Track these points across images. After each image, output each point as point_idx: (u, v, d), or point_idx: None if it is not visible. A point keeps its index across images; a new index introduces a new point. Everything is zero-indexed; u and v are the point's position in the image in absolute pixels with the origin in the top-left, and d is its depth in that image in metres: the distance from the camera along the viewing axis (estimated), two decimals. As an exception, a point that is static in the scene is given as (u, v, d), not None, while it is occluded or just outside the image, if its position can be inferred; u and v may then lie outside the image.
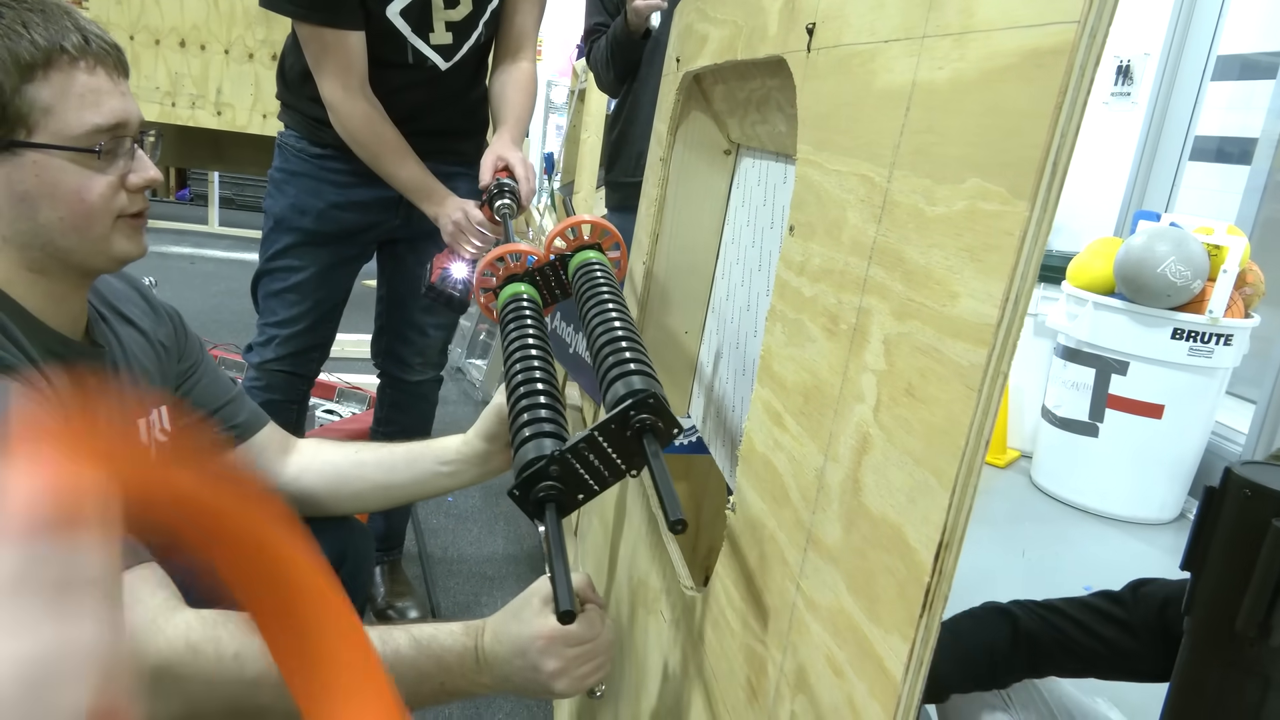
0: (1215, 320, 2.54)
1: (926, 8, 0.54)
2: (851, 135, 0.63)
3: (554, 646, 0.75)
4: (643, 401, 0.68)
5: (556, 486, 0.68)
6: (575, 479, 0.69)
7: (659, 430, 0.69)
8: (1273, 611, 0.57)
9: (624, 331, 0.80)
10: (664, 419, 0.69)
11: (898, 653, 0.49)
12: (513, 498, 0.68)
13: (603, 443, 0.68)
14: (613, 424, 0.68)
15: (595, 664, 0.78)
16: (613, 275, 0.97)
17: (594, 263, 0.98)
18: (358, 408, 2.78)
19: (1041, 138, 0.42)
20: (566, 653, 0.75)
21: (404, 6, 1.50)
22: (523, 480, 0.68)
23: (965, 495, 0.46)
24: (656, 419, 0.69)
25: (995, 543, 2.53)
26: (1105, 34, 0.41)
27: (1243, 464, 0.62)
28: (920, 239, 0.52)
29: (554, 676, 0.75)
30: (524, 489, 0.68)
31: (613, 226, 1.06)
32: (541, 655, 0.75)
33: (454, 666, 0.77)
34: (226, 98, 4.82)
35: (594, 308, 0.87)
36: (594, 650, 0.77)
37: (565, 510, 0.70)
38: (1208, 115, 3.46)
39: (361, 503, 1.10)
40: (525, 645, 0.75)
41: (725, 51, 1.02)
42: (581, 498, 0.70)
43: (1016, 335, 0.44)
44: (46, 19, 0.75)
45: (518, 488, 0.68)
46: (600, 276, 0.94)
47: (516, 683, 0.77)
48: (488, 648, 0.77)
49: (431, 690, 0.77)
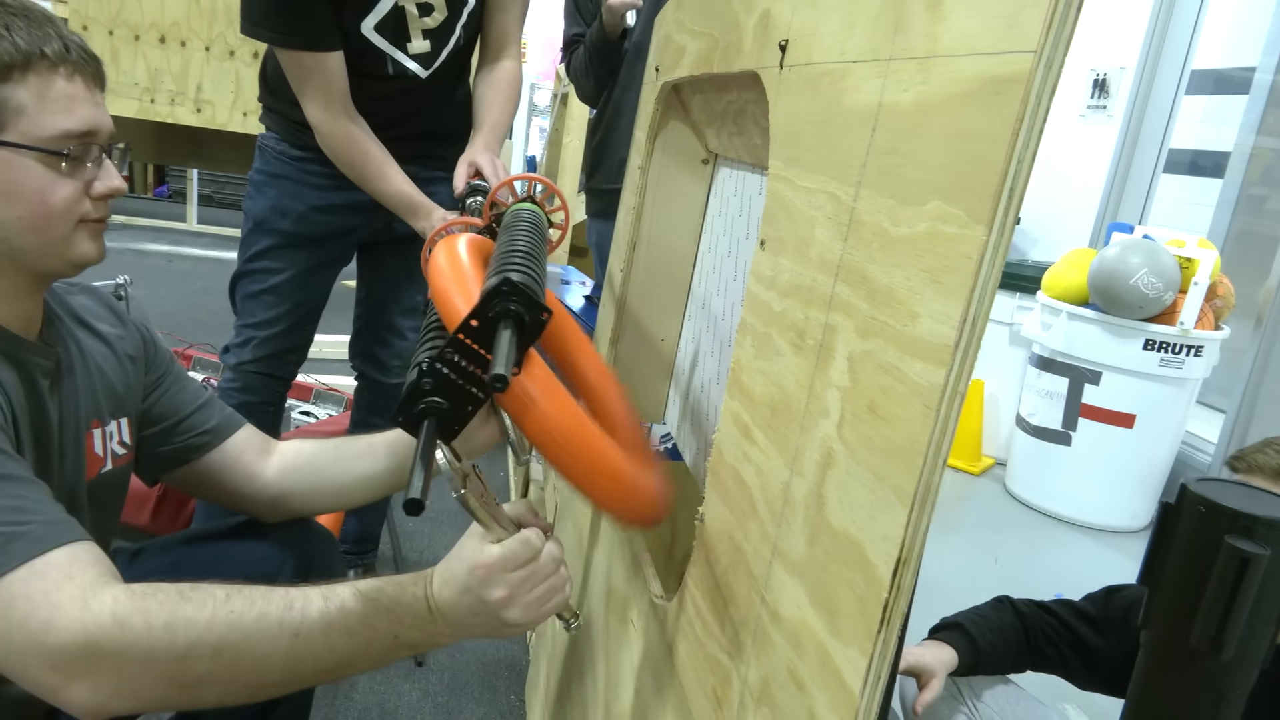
0: (1186, 332, 2.58)
1: (893, 30, 0.55)
2: (820, 153, 0.64)
3: (494, 574, 0.72)
4: (495, 289, 0.65)
5: (436, 401, 0.65)
6: (455, 390, 0.66)
7: (522, 318, 0.65)
8: (1225, 627, 0.58)
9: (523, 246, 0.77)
10: (524, 304, 0.65)
11: (856, 667, 0.49)
12: (397, 423, 0.67)
13: (471, 343, 0.65)
14: (473, 319, 0.65)
15: (546, 585, 0.74)
16: (539, 220, 0.96)
17: (523, 210, 0.98)
18: (334, 409, 2.77)
19: (999, 163, 0.43)
20: (509, 577, 0.72)
21: (378, 21, 1.51)
22: (404, 401, 0.65)
23: (923, 513, 0.47)
24: (519, 305, 0.65)
25: (969, 549, 2.56)
26: (1061, 64, 0.42)
27: (1198, 480, 0.63)
28: (884, 258, 0.53)
29: (503, 605, 0.72)
30: (405, 410, 0.66)
31: (550, 182, 1.08)
32: (483, 585, 0.72)
33: (405, 616, 0.75)
34: (206, 95, 4.78)
35: (505, 237, 0.85)
36: (538, 570, 0.73)
37: (455, 422, 0.67)
38: (1182, 129, 3.52)
39: (345, 497, 1.09)
40: (466, 580, 0.72)
41: (702, 64, 1.03)
42: (470, 409, 0.67)
43: (974, 356, 0.45)
44: (30, 25, 0.77)
45: (399, 410, 0.66)
46: (525, 217, 0.93)
47: (472, 623, 0.74)
48: (436, 593, 0.75)
49: (386, 643, 0.75)
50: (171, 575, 0.73)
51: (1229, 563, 0.58)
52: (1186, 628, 0.60)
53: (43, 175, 0.79)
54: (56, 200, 0.80)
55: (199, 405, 1.06)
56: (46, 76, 0.77)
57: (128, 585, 0.70)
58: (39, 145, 0.78)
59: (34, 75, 0.77)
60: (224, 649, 0.70)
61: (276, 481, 1.06)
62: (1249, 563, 0.57)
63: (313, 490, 1.07)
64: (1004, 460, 3.15)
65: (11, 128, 0.77)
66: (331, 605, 0.74)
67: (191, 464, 1.05)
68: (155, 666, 0.68)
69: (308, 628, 0.72)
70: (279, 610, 0.72)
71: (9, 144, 0.77)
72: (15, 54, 0.75)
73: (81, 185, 0.81)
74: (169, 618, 0.69)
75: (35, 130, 0.77)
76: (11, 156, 0.77)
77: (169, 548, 1.08)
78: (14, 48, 0.75)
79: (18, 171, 0.78)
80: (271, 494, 1.06)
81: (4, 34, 0.75)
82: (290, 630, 0.72)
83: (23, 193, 0.78)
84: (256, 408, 1.70)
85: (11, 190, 0.78)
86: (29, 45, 0.76)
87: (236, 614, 0.71)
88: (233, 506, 1.08)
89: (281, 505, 1.07)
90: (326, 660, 0.74)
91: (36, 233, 0.80)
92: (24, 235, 0.80)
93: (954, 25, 0.48)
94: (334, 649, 0.73)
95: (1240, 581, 0.57)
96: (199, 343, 2.91)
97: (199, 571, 1.02)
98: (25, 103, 0.77)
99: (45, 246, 0.81)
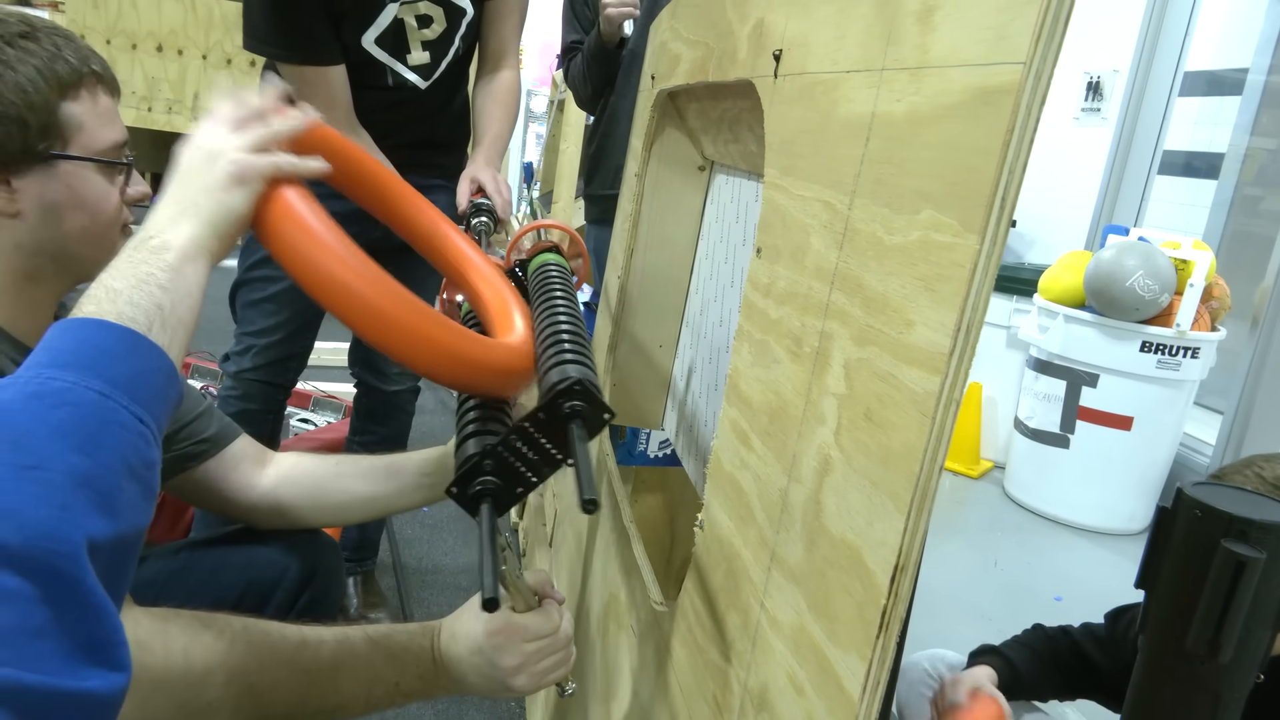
0: (1182, 333, 2.59)
1: (885, 41, 0.55)
2: (815, 162, 0.64)
3: (511, 642, 0.74)
4: (569, 389, 0.68)
5: (492, 481, 0.67)
6: (511, 472, 0.68)
7: (589, 415, 0.68)
8: (1221, 630, 0.59)
9: (567, 325, 0.80)
10: (593, 404, 0.68)
11: (855, 672, 0.50)
12: (450, 495, 0.68)
13: (534, 433, 0.68)
14: (541, 413, 0.68)
15: (555, 659, 0.77)
16: (568, 275, 0.98)
17: (549, 264, 0.99)
18: (333, 416, 2.77)
19: (990, 173, 0.43)
20: (524, 648, 0.74)
21: (379, 35, 1.52)
22: (460, 476, 0.67)
23: (920, 519, 0.47)
24: (586, 404, 0.68)
25: (968, 553, 2.56)
26: (1050, 75, 0.42)
27: (1194, 485, 0.64)
28: (879, 266, 0.53)
29: (512, 673, 0.74)
30: (461, 485, 0.68)
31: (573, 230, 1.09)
32: (498, 651, 0.74)
33: (410, 666, 0.76)
34: (204, 103, 4.78)
35: (543, 305, 0.87)
36: (552, 644, 0.76)
37: (505, 504, 0.69)
38: (1176, 130, 3.53)
39: (344, 514, 1.10)
40: (481, 642, 0.74)
41: (697, 72, 1.03)
42: (520, 491, 0.69)
43: (969, 363, 0.46)
44: (70, 44, 0.83)
45: (455, 484, 0.68)
46: (554, 275, 0.95)
47: (474, 682, 0.75)
48: (444, 647, 0.76)
49: (385, 691, 0.76)
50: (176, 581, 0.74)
51: (1225, 566, 0.58)
52: (1183, 631, 0.60)
53: (101, 185, 0.84)
54: (111, 208, 0.85)
55: (198, 413, 1.06)
56: (95, 92, 0.83)
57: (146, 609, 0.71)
58: (98, 157, 0.83)
59: (86, 91, 0.82)
60: (235, 678, 0.70)
61: (272, 491, 1.07)
62: (1245, 566, 0.57)
63: (311, 505, 1.07)
64: (1002, 463, 3.16)
65: (74, 142, 0.82)
66: (344, 648, 0.75)
67: (189, 472, 1.05)
68: (168, 690, 0.69)
69: (319, 666, 0.74)
70: (293, 647, 0.73)
71: (74, 158, 0.82)
72: (71, 73, 0.81)
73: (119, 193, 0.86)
74: (188, 643, 0.70)
75: (93, 143, 0.82)
76: (76, 170, 0.82)
77: (172, 554, 1.08)
78: (69, 67, 0.81)
79: (82, 183, 0.83)
80: (268, 504, 1.06)
81: (58, 54, 0.80)
82: (302, 668, 0.73)
83: (88, 203, 0.83)
84: (256, 415, 1.70)
85: (80, 201, 0.83)
86: (79, 63, 0.81)
87: (253, 645, 0.71)
88: (229, 516, 1.08)
89: (278, 516, 1.07)
90: (330, 700, 0.75)
91: (97, 241, 0.85)
92: (86, 244, 0.84)
93: (944, 37, 0.49)
94: (339, 690, 0.75)
95: (1236, 585, 0.58)
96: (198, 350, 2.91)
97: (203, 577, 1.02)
98: (82, 119, 0.82)
99: (99, 254, 0.85)
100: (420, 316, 0.65)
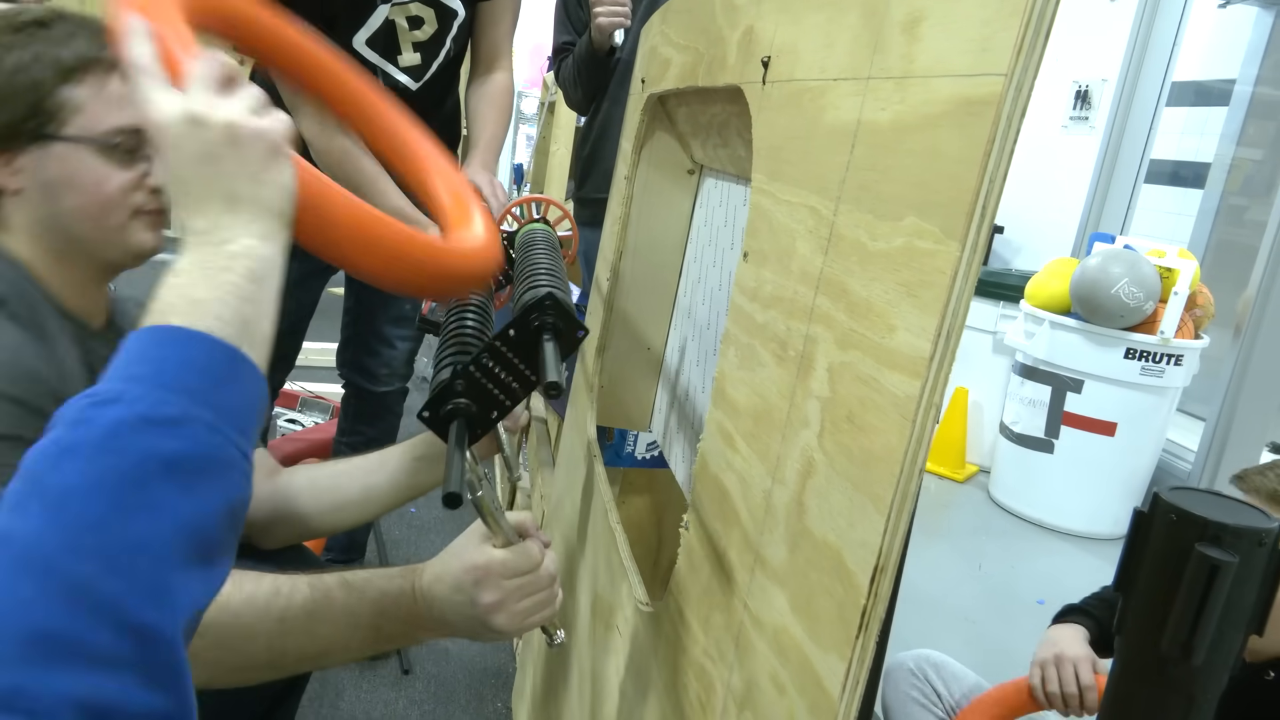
0: (1166, 341, 2.61)
1: (871, 50, 0.56)
2: (802, 167, 0.65)
3: (490, 578, 0.72)
4: (539, 303, 0.68)
5: (464, 402, 0.67)
6: (483, 394, 0.68)
7: (560, 331, 0.68)
8: (1195, 633, 0.60)
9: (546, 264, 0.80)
10: (564, 319, 0.68)
11: (835, 672, 0.50)
12: (422, 419, 0.68)
13: (506, 352, 0.68)
14: (512, 329, 0.68)
15: (537, 599, 0.75)
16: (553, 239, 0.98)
17: (536, 230, 1.00)
18: (320, 417, 2.77)
19: (972, 182, 0.44)
20: (504, 584, 0.73)
21: (370, 36, 1.52)
22: (432, 399, 0.67)
23: (900, 521, 0.48)
24: (556, 319, 0.68)
25: (952, 556, 2.58)
26: (1031, 86, 0.43)
27: (1171, 489, 0.65)
28: (863, 272, 0.54)
29: (491, 610, 0.73)
30: (433, 408, 0.67)
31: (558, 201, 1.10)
32: (477, 587, 0.72)
33: (390, 610, 0.76)
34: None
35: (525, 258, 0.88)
36: (534, 583, 0.74)
37: (480, 427, 0.69)
38: (1163, 140, 3.56)
39: (345, 515, 1.09)
40: (461, 578, 0.73)
41: (687, 77, 1.04)
42: (495, 415, 0.69)
43: (949, 368, 0.47)
44: (91, 33, 0.86)
45: (427, 408, 0.67)
46: (540, 238, 0.96)
47: (455, 622, 0.75)
48: (425, 587, 0.75)
49: (366, 636, 0.76)
50: None
51: (1199, 570, 0.59)
52: (1158, 634, 0.61)
53: (98, 167, 0.85)
54: (110, 189, 0.86)
55: None
56: (103, 78, 0.85)
57: None
58: (93, 138, 0.85)
59: (91, 76, 0.85)
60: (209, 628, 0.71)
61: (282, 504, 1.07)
62: (1218, 570, 0.58)
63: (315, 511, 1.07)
64: (987, 467, 3.18)
65: (71, 124, 0.84)
66: (317, 593, 0.75)
67: None
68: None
69: (293, 613, 0.74)
70: (266, 594, 0.74)
71: (67, 138, 0.84)
72: (75, 59, 0.84)
73: (137, 177, 0.87)
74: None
75: (91, 126, 0.84)
76: (69, 150, 0.84)
77: None
78: (75, 54, 0.84)
79: (76, 164, 0.85)
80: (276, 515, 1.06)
81: (67, 42, 0.84)
82: (275, 615, 0.73)
83: (80, 184, 0.85)
84: (243, 415, 1.70)
85: (71, 181, 0.85)
86: (90, 50, 0.85)
87: (224, 594, 0.71)
88: None
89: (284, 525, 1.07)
90: (310, 647, 0.75)
91: (94, 221, 0.86)
92: (82, 224, 0.86)
93: (930, 47, 0.50)
94: (317, 636, 0.75)
95: (1210, 588, 0.59)
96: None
97: None
98: (83, 102, 0.84)
99: (103, 235, 0.87)
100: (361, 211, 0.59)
